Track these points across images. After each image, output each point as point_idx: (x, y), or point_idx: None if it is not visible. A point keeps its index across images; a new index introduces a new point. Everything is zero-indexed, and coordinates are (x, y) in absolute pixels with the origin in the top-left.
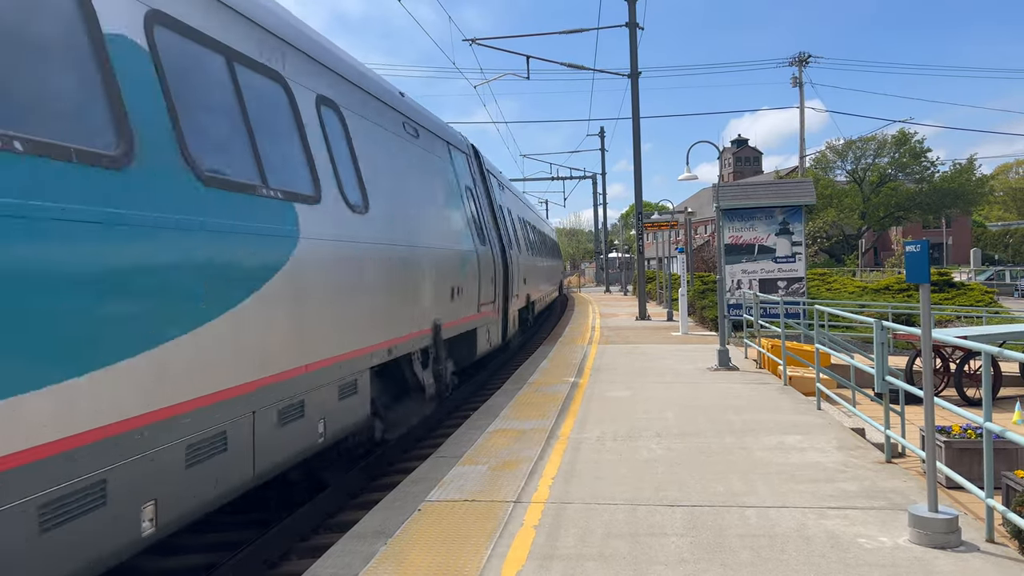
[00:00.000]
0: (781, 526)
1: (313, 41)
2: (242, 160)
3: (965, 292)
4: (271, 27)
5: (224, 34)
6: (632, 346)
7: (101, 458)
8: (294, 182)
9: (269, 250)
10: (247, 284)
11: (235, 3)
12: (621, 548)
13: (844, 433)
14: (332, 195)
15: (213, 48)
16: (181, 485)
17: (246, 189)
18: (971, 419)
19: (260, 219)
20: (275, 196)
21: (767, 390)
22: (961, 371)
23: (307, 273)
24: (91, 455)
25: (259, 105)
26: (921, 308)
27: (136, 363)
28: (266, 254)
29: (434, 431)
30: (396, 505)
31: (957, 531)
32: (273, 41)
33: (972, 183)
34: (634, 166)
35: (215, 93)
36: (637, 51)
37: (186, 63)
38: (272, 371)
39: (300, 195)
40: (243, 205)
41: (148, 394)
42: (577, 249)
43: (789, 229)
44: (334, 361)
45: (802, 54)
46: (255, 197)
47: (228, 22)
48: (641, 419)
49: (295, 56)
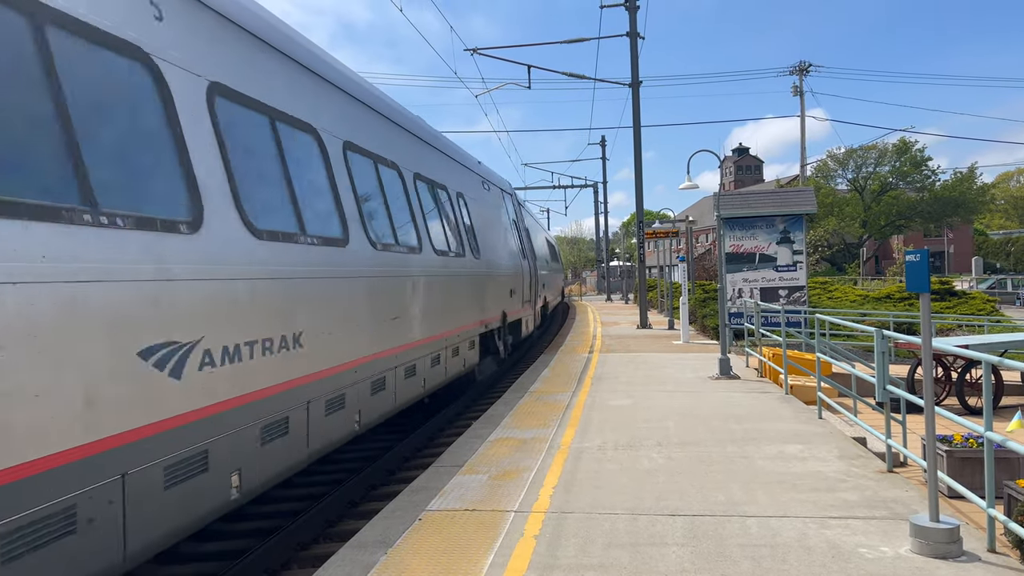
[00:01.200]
0: (782, 536)
1: (465, 169)
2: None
3: (966, 301)
4: (445, 149)
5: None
6: (633, 355)
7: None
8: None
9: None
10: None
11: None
12: (622, 558)
13: (845, 442)
14: (470, 250)
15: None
16: (373, 401)
17: (445, 253)
18: (972, 428)
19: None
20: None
21: (768, 399)
22: (962, 380)
23: (445, 284)
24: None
25: (428, 202)
26: (922, 317)
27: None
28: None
29: (435, 440)
30: (397, 514)
31: (958, 541)
32: (445, 165)
33: (973, 192)
34: (635, 175)
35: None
36: (638, 60)
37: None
38: (450, 327)
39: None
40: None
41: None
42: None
43: (790, 238)
44: (465, 328)
45: (802, 63)
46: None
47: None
48: (642, 428)
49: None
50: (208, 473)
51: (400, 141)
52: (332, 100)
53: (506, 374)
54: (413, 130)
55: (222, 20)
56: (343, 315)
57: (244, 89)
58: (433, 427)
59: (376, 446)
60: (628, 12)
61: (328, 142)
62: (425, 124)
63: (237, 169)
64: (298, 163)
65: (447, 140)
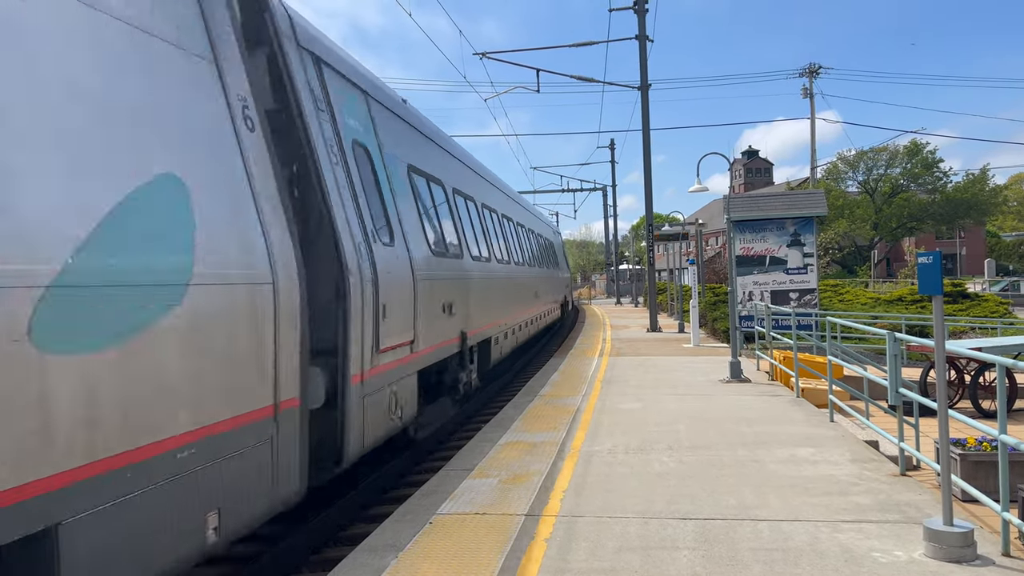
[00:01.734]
0: (794, 540)
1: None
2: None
3: (979, 303)
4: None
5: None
6: (643, 358)
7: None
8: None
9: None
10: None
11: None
12: (633, 562)
13: (857, 446)
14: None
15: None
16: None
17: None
18: (986, 431)
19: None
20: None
21: (779, 402)
22: (976, 383)
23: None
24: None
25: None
26: (934, 320)
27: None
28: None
29: (445, 443)
30: (407, 518)
31: (973, 545)
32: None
33: (985, 193)
34: (644, 178)
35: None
36: (647, 63)
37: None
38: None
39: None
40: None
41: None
42: (587, 261)
43: (800, 240)
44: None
45: (812, 65)
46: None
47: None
48: (653, 431)
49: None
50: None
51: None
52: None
53: (516, 377)
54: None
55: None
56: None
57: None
58: (444, 430)
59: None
60: (637, 15)
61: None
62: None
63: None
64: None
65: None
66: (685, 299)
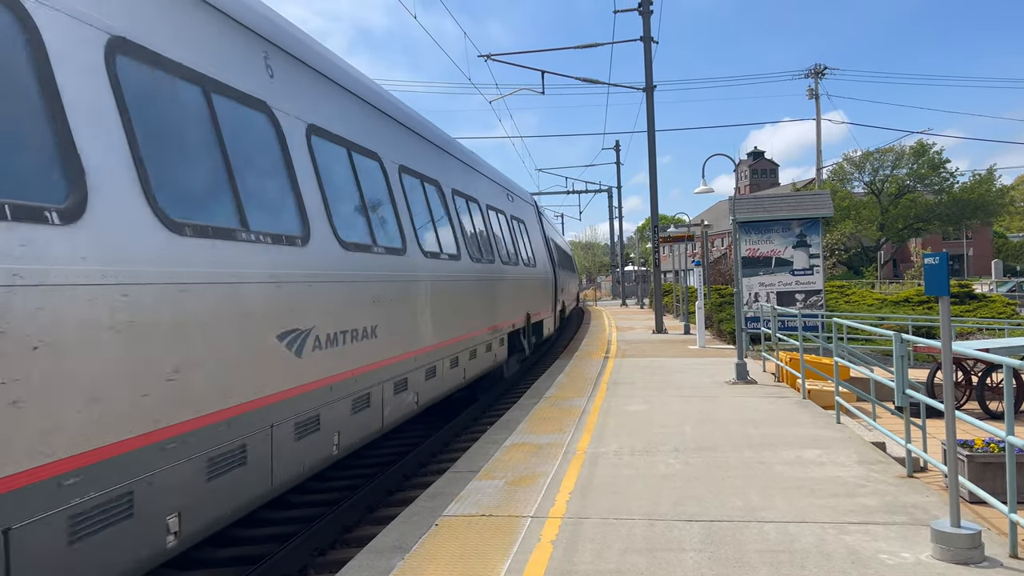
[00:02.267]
0: (801, 542)
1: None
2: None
3: (986, 304)
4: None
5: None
6: (649, 360)
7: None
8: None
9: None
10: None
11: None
12: (639, 564)
13: (864, 447)
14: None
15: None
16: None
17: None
18: (993, 433)
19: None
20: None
21: (786, 403)
22: (983, 384)
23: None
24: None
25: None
26: (941, 321)
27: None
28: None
29: (451, 445)
30: (413, 520)
31: (980, 546)
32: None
33: (992, 194)
34: (650, 179)
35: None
36: (652, 65)
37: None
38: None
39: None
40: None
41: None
42: (593, 262)
43: (806, 241)
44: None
45: (817, 66)
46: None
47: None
48: (658, 433)
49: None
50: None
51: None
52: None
53: (522, 378)
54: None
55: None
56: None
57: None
58: (449, 432)
59: (393, 451)
60: (642, 17)
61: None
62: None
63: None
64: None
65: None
66: (691, 300)
